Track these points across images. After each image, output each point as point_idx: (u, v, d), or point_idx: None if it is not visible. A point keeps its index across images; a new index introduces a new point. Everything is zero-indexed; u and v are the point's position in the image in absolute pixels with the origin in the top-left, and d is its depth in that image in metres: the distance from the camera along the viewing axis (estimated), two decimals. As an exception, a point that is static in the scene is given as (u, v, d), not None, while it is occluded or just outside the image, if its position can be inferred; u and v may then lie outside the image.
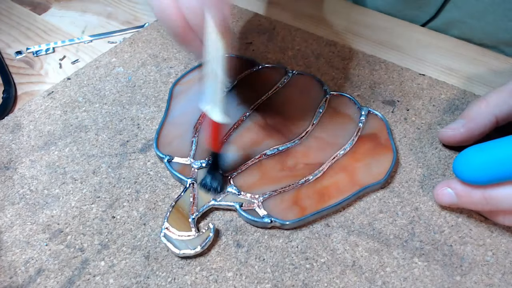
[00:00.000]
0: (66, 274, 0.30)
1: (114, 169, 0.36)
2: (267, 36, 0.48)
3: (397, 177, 0.35)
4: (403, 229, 0.32)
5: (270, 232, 0.32)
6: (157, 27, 0.49)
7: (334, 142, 0.37)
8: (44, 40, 0.49)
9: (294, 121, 0.38)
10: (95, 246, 0.31)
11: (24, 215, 0.33)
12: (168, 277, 0.30)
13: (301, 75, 0.42)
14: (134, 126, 0.39)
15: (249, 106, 0.40)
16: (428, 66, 0.45)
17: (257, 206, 0.32)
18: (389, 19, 0.50)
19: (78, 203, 0.34)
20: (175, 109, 0.40)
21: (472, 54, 0.46)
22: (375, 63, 0.45)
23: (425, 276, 0.30)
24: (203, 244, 0.30)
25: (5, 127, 0.39)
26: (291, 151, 0.36)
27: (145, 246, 0.31)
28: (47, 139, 0.38)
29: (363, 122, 0.38)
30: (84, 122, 0.40)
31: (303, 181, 0.34)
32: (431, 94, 0.42)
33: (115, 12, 0.53)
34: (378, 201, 0.34)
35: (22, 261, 0.31)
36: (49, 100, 0.42)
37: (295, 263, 0.31)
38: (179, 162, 0.35)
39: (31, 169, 0.36)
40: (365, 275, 0.30)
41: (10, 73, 0.45)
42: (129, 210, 0.33)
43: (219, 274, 0.30)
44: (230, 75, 0.42)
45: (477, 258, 0.31)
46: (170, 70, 0.45)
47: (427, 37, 0.48)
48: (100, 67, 0.45)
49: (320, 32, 0.49)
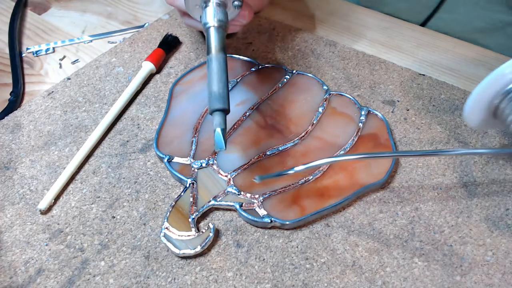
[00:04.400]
0: (66, 274, 0.30)
1: (114, 169, 0.36)
2: (267, 36, 0.48)
3: (397, 177, 0.35)
4: (403, 229, 0.32)
5: (270, 232, 0.32)
6: (157, 27, 0.49)
7: (334, 142, 0.37)
8: (44, 40, 0.49)
9: (294, 121, 0.38)
10: (95, 246, 0.31)
11: (24, 215, 0.33)
12: (168, 277, 0.30)
13: (301, 75, 0.42)
14: (134, 126, 0.39)
15: (249, 106, 0.40)
16: (428, 66, 0.45)
17: (257, 206, 0.32)
18: (389, 19, 0.50)
19: (78, 203, 0.34)
20: (175, 109, 0.40)
21: (472, 54, 0.46)
22: (375, 63, 0.45)
23: (425, 276, 0.30)
24: (203, 244, 0.30)
25: (5, 127, 0.39)
26: (291, 151, 0.36)
27: (145, 246, 0.31)
28: (47, 139, 0.38)
29: (363, 122, 0.38)
30: (84, 122, 0.39)
31: (303, 181, 0.34)
32: (431, 94, 0.42)
33: (115, 12, 0.53)
34: (378, 201, 0.34)
35: (22, 261, 0.31)
36: (49, 100, 0.42)
37: (295, 263, 0.31)
38: (179, 162, 0.35)
39: (31, 169, 0.36)
40: (365, 275, 0.30)
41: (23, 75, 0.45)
42: (129, 210, 0.33)
43: (219, 274, 0.30)
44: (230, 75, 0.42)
45: (477, 258, 0.31)
46: (170, 70, 0.45)
47: (427, 37, 0.48)
48: (100, 67, 0.45)
49: (320, 32, 0.49)
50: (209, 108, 0.30)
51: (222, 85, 0.30)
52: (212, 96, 0.30)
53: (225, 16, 0.33)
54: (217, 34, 0.32)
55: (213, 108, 0.30)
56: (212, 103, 0.30)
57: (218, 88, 0.30)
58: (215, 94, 0.30)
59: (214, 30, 0.32)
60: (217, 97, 0.30)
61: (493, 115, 0.31)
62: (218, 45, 0.32)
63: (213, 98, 0.30)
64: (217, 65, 0.31)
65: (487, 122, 0.32)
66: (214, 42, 0.32)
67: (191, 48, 0.47)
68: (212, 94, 0.30)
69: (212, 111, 0.30)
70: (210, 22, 0.32)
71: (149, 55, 0.44)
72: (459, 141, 0.38)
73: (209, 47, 0.32)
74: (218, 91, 0.30)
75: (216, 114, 0.30)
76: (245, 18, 0.38)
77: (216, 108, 0.30)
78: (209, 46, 0.32)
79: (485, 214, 0.33)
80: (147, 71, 0.43)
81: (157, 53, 0.44)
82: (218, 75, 0.31)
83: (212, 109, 0.30)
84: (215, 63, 0.31)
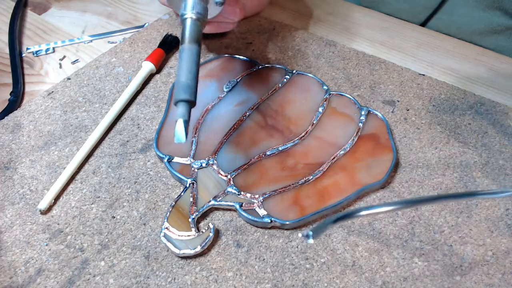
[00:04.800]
0: (66, 274, 0.30)
1: (114, 169, 0.36)
2: (267, 36, 0.48)
3: (397, 177, 0.35)
4: (403, 229, 0.32)
5: (270, 232, 0.32)
6: (157, 27, 0.49)
7: (334, 142, 0.37)
8: (44, 40, 0.49)
9: (294, 121, 0.38)
10: (95, 246, 0.31)
11: (24, 215, 0.33)
12: (168, 277, 0.30)
13: (301, 75, 0.42)
14: (134, 126, 0.39)
15: (249, 106, 0.40)
16: (428, 66, 0.45)
17: (257, 206, 0.32)
18: (389, 19, 0.50)
19: (78, 203, 0.34)
20: (175, 109, 0.39)
21: (472, 54, 0.46)
22: (375, 63, 0.45)
23: (425, 276, 0.30)
24: (203, 244, 0.30)
25: (5, 127, 0.39)
26: (291, 151, 0.36)
27: (145, 246, 0.31)
28: (47, 139, 0.38)
29: (363, 122, 0.38)
30: (84, 122, 0.40)
31: (303, 181, 0.34)
32: (431, 94, 0.42)
33: (115, 12, 0.53)
34: (378, 201, 0.34)
35: (22, 261, 0.31)
36: (49, 100, 0.42)
37: (295, 263, 0.31)
38: (179, 162, 0.35)
39: (31, 169, 0.36)
40: (365, 275, 0.30)
41: (23, 75, 0.45)
42: (129, 210, 0.33)
43: (219, 274, 0.30)
44: (230, 75, 0.42)
45: (477, 258, 0.31)
46: (170, 70, 0.45)
47: (427, 37, 0.48)
48: (100, 67, 0.45)
49: (320, 32, 0.49)
50: (174, 98, 0.30)
51: (190, 76, 0.30)
52: (179, 86, 0.30)
53: (204, 10, 0.33)
54: (193, 26, 0.32)
55: (178, 98, 0.29)
56: (177, 93, 0.29)
57: (186, 78, 0.30)
58: (182, 84, 0.30)
59: (190, 21, 0.32)
60: (184, 87, 0.29)
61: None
62: (192, 36, 0.32)
63: (179, 88, 0.29)
64: (188, 56, 0.31)
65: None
66: (188, 33, 0.32)
67: (191, 48, 0.47)
68: (179, 84, 0.30)
69: (177, 101, 0.29)
70: (187, 14, 0.32)
71: (149, 55, 0.44)
72: (459, 141, 0.38)
73: (183, 37, 0.32)
74: (185, 81, 0.30)
75: (181, 104, 0.29)
76: (235, 15, 0.38)
77: (181, 98, 0.29)
78: (183, 37, 0.32)
79: (485, 214, 0.33)
80: (147, 71, 0.43)
81: (157, 53, 0.44)
82: (188, 65, 0.30)
83: (176, 99, 0.29)
84: (186, 54, 0.31)
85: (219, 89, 0.41)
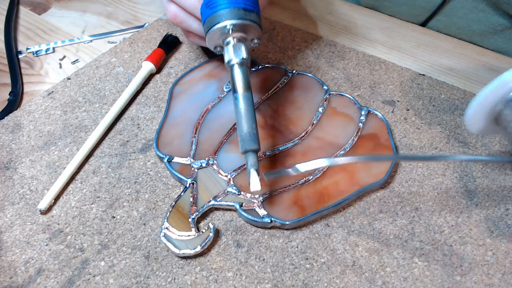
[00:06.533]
0: (66, 274, 0.30)
1: (114, 169, 0.36)
2: (267, 36, 0.48)
3: (397, 177, 0.35)
4: (403, 229, 0.32)
5: (270, 232, 0.32)
6: (157, 27, 0.49)
7: (334, 142, 0.37)
8: (44, 40, 0.49)
9: (294, 121, 0.38)
10: (95, 246, 0.31)
11: (24, 215, 0.33)
12: (168, 277, 0.30)
13: (301, 75, 0.42)
14: (134, 126, 0.39)
15: (249, 106, 0.40)
16: (428, 66, 0.45)
17: (257, 206, 0.32)
18: (389, 19, 0.50)
19: (78, 203, 0.34)
20: (175, 109, 0.40)
21: (472, 54, 0.46)
22: (375, 63, 0.45)
23: (425, 276, 0.30)
24: (203, 244, 0.30)
25: (5, 127, 0.39)
26: (291, 151, 0.36)
27: (145, 246, 0.31)
28: (47, 139, 0.38)
29: (363, 122, 0.38)
30: (84, 122, 0.40)
31: (303, 181, 0.34)
32: (431, 94, 0.42)
33: (115, 12, 0.53)
34: (378, 201, 0.34)
35: (22, 261, 0.31)
36: (49, 100, 0.42)
37: (295, 263, 0.31)
38: (179, 162, 0.35)
39: (31, 169, 0.36)
40: (365, 275, 0.30)
41: (21, 75, 0.45)
42: (129, 210, 0.33)
43: (219, 274, 0.30)
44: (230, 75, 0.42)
45: (477, 258, 0.31)
46: (170, 70, 0.45)
47: (427, 37, 0.48)
48: (100, 67, 0.45)
49: (320, 32, 0.49)
50: (241, 148, 0.31)
51: (252, 125, 0.31)
52: (245, 137, 0.31)
53: (248, 53, 0.33)
54: (241, 72, 0.32)
55: (247, 149, 0.30)
56: (244, 144, 0.30)
57: (249, 128, 0.31)
58: (247, 134, 0.31)
59: (238, 67, 0.32)
60: (249, 137, 0.30)
61: (494, 122, 0.31)
62: (244, 84, 0.32)
63: (245, 139, 0.30)
64: (245, 105, 0.31)
65: (488, 129, 0.32)
66: (239, 80, 0.32)
67: (191, 48, 0.47)
68: (244, 135, 0.31)
69: (245, 152, 0.30)
70: (233, 60, 0.32)
71: (149, 55, 0.44)
72: (459, 141, 0.38)
73: (234, 85, 0.32)
74: (250, 131, 0.31)
75: (249, 154, 0.30)
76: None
77: (249, 149, 0.30)
78: (235, 85, 0.32)
79: (485, 214, 0.33)
80: (147, 71, 0.43)
81: (157, 53, 0.44)
82: (247, 114, 0.31)
83: (244, 149, 0.30)
84: (242, 103, 0.31)
85: (219, 89, 0.41)
